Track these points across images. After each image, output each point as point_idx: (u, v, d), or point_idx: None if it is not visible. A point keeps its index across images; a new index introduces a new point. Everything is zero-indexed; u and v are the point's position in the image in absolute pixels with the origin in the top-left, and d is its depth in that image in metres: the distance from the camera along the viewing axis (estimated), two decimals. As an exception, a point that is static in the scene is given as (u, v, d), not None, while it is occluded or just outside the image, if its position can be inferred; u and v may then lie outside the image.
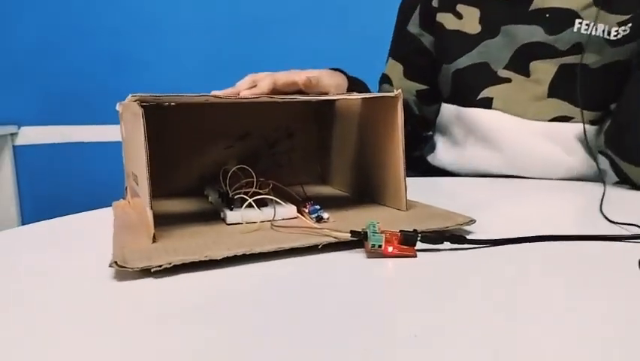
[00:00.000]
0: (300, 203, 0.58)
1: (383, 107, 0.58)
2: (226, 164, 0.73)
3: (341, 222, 0.54)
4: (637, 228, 0.53)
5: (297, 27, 1.91)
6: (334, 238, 0.47)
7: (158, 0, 1.90)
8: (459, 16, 0.93)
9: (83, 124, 1.92)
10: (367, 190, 0.65)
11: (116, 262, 0.42)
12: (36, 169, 1.94)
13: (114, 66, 1.91)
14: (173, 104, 0.66)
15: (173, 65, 1.91)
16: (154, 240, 0.48)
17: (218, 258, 0.44)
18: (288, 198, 0.59)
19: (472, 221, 0.52)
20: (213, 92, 0.55)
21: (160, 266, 0.42)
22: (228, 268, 0.44)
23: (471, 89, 0.91)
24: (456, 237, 0.48)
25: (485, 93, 0.89)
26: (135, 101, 0.48)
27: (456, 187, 0.82)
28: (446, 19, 0.95)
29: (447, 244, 0.48)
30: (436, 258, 0.46)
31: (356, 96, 0.56)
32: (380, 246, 0.46)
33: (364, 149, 0.64)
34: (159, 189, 0.71)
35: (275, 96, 0.54)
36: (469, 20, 0.92)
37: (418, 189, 0.78)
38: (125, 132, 0.64)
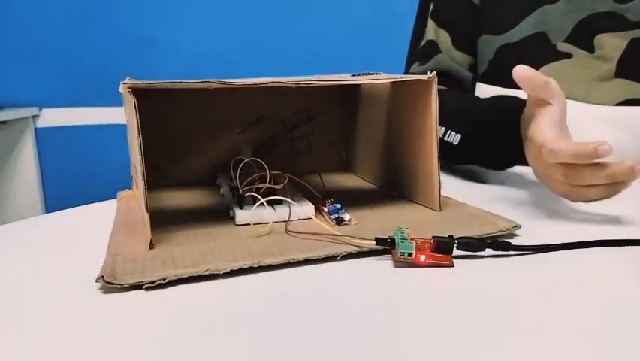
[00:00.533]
0: (318, 200, 0.51)
1: (415, 91, 0.50)
2: (240, 151, 0.67)
3: (364, 225, 0.47)
4: None
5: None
6: (356, 246, 0.41)
7: None
8: None
9: (105, 106, 1.88)
10: (396, 183, 0.58)
11: (102, 277, 0.36)
12: (58, 151, 1.92)
13: (137, 47, 1.86)
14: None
15: (197, 45, 1.86)
16: (151, 246, 0.42)
17: (221, 272, 0.38)
18: (306, 193, 0.53)
19: (517, 226, 0.45)
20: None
21: (153, 283, 0.36)
22: (233, 279, 0.38)
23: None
24: (499, 243, 0.41)
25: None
26: (127, 88, 0.41)
27: (495, 181, 0.74)
28: None
29: (488, 251, 0.41)
30: (475, 267, 0.39)
31: (384, 80, 0.49)
32: (410, 254, 0.39)
33: (393, 136, 0.57)
34: (170, 178, 0.66)
35: (289, 80, 0.47)
36: None
37: (451, 182, 0.70)
38: (128, 123, 0.58)
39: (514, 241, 0.42)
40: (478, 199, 0.54)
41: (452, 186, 0.64)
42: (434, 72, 0.47)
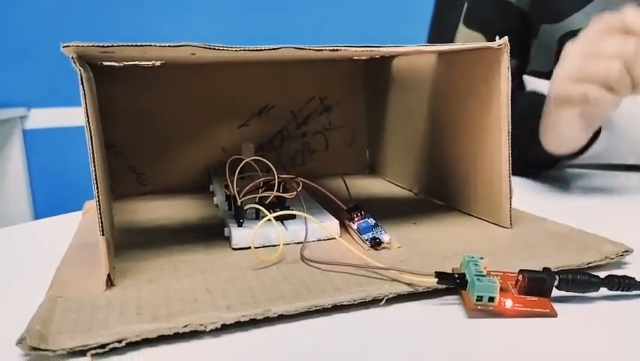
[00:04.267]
0: (343, 213, 0.38)
1: (474, 67, 0.37)
2: (239, 149, 0.54)
3: (411, 250, 0.34)
4: None
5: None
6: (407, 285, 0.28)
7: None
8: None
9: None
10: (442, 189, 0.45)
11: (24, 340, 0.23)
12: (47, 153, 1.81)
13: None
14: (157, 63, 0.46)
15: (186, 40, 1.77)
16: (110, 284, 0.29)
17: (208, 328, 0.25)
18: (326, 204, 0.40)
19: (628, 251, 0.32)
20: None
21: (103, 346, 0.23)
22: (225, 338, 0.25)
23: None
24: (619, 279, 0.27)
25: None
26: (72, 53, 0.28)
27: (573, 183, 0.61)
28: None
29: (603, 291, 0.28)
30: (587, 314, 0.26)
31: (434, 48, 0.35)
32: (492, 298, 0.26)
33: (439, 128, 0.44)
34: (152, 183, 0.53)
35: (302, 46, 0.34)
36: None
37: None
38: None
39: (630, 274, 0.29)
40: (557, 216, 0.41)
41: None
42: (505, 38, 0.34)
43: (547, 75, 0.67)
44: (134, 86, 0.50)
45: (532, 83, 0.71)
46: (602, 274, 0.30)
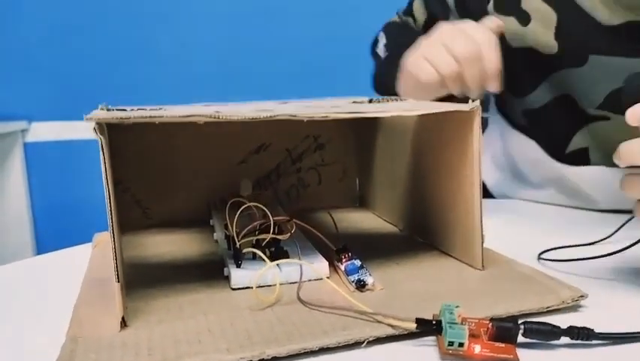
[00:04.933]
0: (332, 253, 0.42)
1: (450, 124, 0.41)
2: (238, 185, 0.58)
3: (392, 292, 0.38)
4: None
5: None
6: (390, 327, 0.32)
7: None
8: (525, 19, 0.60)
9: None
10: (424, 228, 0.49)
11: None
12: (47, 167, 1.83)
13: (128, 60, 1.79)
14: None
15: (190, 59, 1.79)
16: (123, 325, 0.33)
17: (212, 368, 0.29)
18: (317, 242, 0.44)
19: (583, 296, 0.36)
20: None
21: (121, 386, 0.27)
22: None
23: (553, 137, 0.64)
24: (579, 330, 0.31)
25: (577, 142, 0.62)
26: (94, 124, 0.32)
27: (525, 213, 0.65)
28: (510, 28, 0.61)
29: (565, 339, 0.31)
30: (547, 360, 0.30)
31: (412, 111, 0.39)
32: (462, 344, 0.30)
33: (421, 171, 0.48)
34: (156, 216, 0.57)
35: (298, 111, 0.38)
36: (541, 28, 0.59)
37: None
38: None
39: (588, 319, 0.33)
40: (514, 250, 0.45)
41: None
42: (477, 102, 0.38)
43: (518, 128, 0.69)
44: (141, 131, 0.54)
45: None
46: (561, 317, 0.34)
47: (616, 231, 0.47)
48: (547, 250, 0.47)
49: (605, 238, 0.48)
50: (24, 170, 1.82)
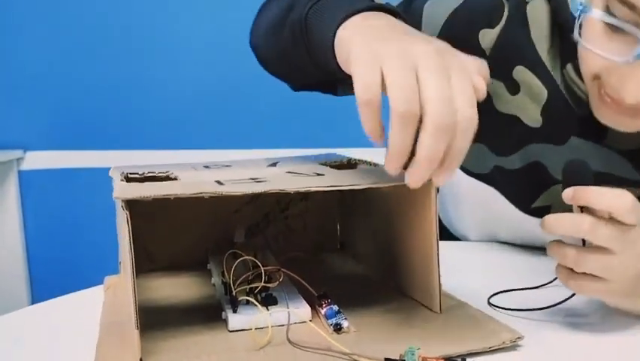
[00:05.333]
0: (314, 299, 0.50)
1: (412, 191, 0.49)
2: (233, 230, 0.65)
3: (365, 335, 0.45)
4: None
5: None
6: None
7: (170, 24, 1.84)
8: (514, 88, 0.61)
9: (90, 149, 1.86)
10: (393, 273, 0.56)
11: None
12: (42, 195, 1.88)
13: (123, 90, 1.85)
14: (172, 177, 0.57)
15: (183, 88, 1.85)
16: (140, 365, 0.40)
17: (216, 403, 0.36)
18: (300, 289, 0.51)
19: (520, 338, 0.44)
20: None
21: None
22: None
23: (521, 195, 0.67)
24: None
25: (542, 200, 0.66)
26: (120, 200, 0.40)
27: (477, 257, 0.73)
28: (497, 91, 0.62)
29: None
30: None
31: (378, 185, 0.47)
32: (417, 379, 0.37)
33: (390, 224, 0.56)
34: (159, 260, 0.64)
35: (286, 186, 0.46)
36: (529, 101, 0.60)
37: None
38: (117, 212, 0.56)
39: (522, 357, 0.41)
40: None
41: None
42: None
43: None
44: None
45: None
46: (502, 355, 0.42)
47: (555, 279, 0.55)
48: (498, 293, 0.55)
49: (548, 283, 0.56)
50: (18, 198, 1.87)
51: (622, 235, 0.43)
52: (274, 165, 0.58)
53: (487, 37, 0.60)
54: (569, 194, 0.45)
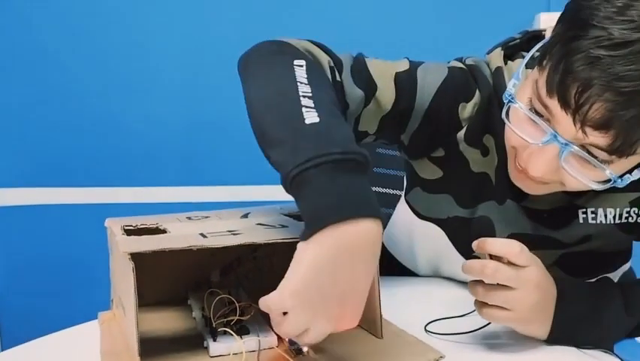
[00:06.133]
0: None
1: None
2: (209, 271, 0.75)
3: (322, 357, 0.56)
4: None
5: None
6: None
7: (140, 60, 1.89)
8: (485, 151, 0.73)
9: (63, 186, 1.91)
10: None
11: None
12: (14, 232, 1.92)
13: (95, 127, 1.90)
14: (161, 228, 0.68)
15: (154, 124, 1.90)
16: (141, 386, 0.50)
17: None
18: (269, 321, 0.62)
19: (442, 357, 0.56)
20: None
21: None
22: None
23: (466, 242, 0.69)
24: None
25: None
26: (127, 254, 0.50)
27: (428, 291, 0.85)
28: (472, 156, 0.73)
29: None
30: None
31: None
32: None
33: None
34: (147, 298, 0.73)
35: (257, 239, 0.57)
36: (492, 164, 0.73)
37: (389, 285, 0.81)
38: (112, 255, 0.66)
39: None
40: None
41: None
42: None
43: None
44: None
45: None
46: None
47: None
48: (433, 321, 0.67)
49: (471, 312, 0.68)
50: (-12, 233, 1.90)
51: (517, 274, 0.57)
52: (246, 216, 0.69)
53: (465, 110, 0.71)
54: (474, 244, 0.58)
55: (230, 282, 0.75)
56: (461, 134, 0.71)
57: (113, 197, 1.96)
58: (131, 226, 0.63)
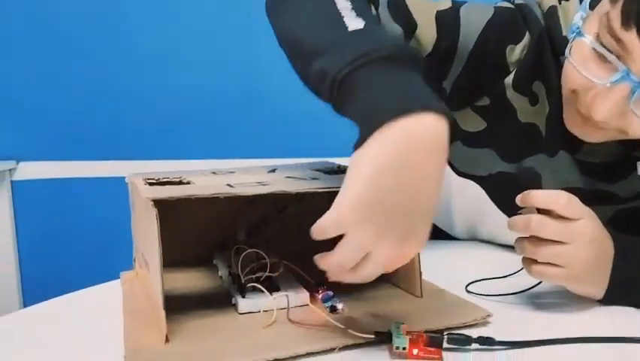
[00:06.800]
0: (312, 287, 0.57)
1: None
2: (234, 231, 0.72)
3: (356, 314, 0.52)
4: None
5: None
6: (358, 336, 0.46)
7: (160, 33, 1.87)
8: (534, 99, 0.67)
9: (84, 159, 1.90)
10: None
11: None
12: (35, 205, 1.91)
13: (115, 100, 1.89)
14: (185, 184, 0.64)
15: (174, 97, 1.88)
16: (167, 340, 0.47)
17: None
18: (300, 279, 0.58)
19: (490, 315, 0.51)
20: None
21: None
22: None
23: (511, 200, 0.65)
24: (484, 339, 0.46)
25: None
26: (150, 200, 0.47)
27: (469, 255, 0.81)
28: (520, 105, 0.68)
29: (475, 345, 0.47)
30: (462, 360, 0.45)
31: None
32: (405, 348, 0.45)
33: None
34: (171, 257, 0.70)
35: (291, 187, 0.53)
36: (542, 112, 0.67)
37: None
38: (135, 211, 0.63)
39: (492, 331, 0.48)
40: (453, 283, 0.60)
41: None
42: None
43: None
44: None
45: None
46: (474, 329, 0.49)
47: (521, 269, 0.63)
48: (473, 282, 0.62)
49: (514, 273, 0.63)
50: (11, 208, 1.90)
51: (567, 227, 0.52)
52: (273, 171, 0.65)
53: (513, 53, 0.65)
54: (518, 198, 0.53)
55: (257, 243, 0.72)
56: (509, 79, 0.66)
57: (135, 170, 1.94)
58: (154, 179, 0.59)
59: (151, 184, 0.56)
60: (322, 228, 0.42)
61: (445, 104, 0.71)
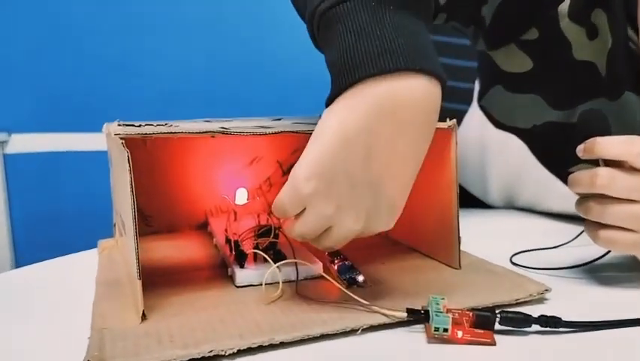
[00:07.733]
0: (326, 257, 0.47)
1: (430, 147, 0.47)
2: (233, 194, 0.62)
3: (381, 288, 0.42)
4: None
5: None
6: (385, 315, 0.36)
7: (155, 2, 1.80)
8: (593, 32, 0.57)
9: (77, 131, 1.81)
10: (407, 232, 0.53)
11: (89, 362, 0.31)
12: (28, 178, 1.84)
13: (109, 71, 1.81)
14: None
15: (170, 68, 1.81)
16: (143, 318, 0.37)
17: (227, 353, 0.33)
18: (309, 248, 0.48)
19: (548, 290, 0.41)
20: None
21: (149, 367, 0.31)
22: (239, 359, 0.33)
23: (559, 155, 0.61)
24: (547, 318, 0.36)
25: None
26: (119, 138, 0.36)
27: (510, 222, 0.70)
28: (575, 38, 0.57)
29: (535, 327, 0.36)
30: (520, 344, 0.35)
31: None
32: (446, 330, 0.34)
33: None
34: (158, 225, 0.60)
35: (297, 125, 0.42)
36: (601, 48, 0.57)
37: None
38: (112, 164, 0.53)
39: (550, 310, 0.38)
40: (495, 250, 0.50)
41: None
42: (454, 120, 0.43)
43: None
44: (144, 145, 0.58)
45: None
46: (529, 308, 0.39)
47: (575, 238, 0.53)
48: (518, 253, 0.52)
49: (567, 242, 0.53)
50: (3, 181, 1.82)
51: None
52: (279, 119, 0.55)
53: None
54: (580, 148, 0.42)
55: (258, 209, 0.62)
56: (564, 6, 0.55)
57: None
58: (134, 124, 0.49)
59: (127, 126, 0.45)
60: (281, 205, 0.36)
61: (484, 39, 0.61)
